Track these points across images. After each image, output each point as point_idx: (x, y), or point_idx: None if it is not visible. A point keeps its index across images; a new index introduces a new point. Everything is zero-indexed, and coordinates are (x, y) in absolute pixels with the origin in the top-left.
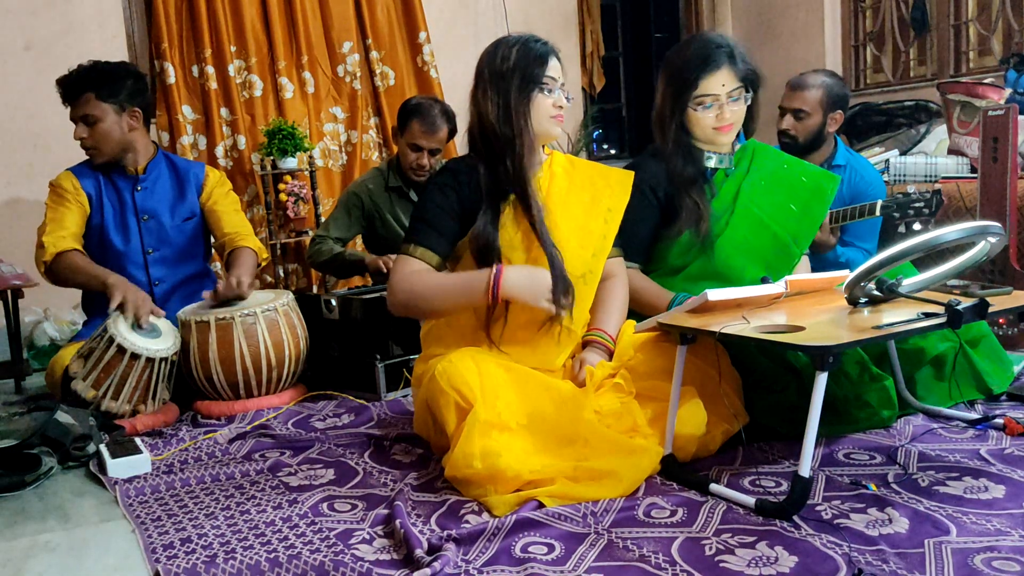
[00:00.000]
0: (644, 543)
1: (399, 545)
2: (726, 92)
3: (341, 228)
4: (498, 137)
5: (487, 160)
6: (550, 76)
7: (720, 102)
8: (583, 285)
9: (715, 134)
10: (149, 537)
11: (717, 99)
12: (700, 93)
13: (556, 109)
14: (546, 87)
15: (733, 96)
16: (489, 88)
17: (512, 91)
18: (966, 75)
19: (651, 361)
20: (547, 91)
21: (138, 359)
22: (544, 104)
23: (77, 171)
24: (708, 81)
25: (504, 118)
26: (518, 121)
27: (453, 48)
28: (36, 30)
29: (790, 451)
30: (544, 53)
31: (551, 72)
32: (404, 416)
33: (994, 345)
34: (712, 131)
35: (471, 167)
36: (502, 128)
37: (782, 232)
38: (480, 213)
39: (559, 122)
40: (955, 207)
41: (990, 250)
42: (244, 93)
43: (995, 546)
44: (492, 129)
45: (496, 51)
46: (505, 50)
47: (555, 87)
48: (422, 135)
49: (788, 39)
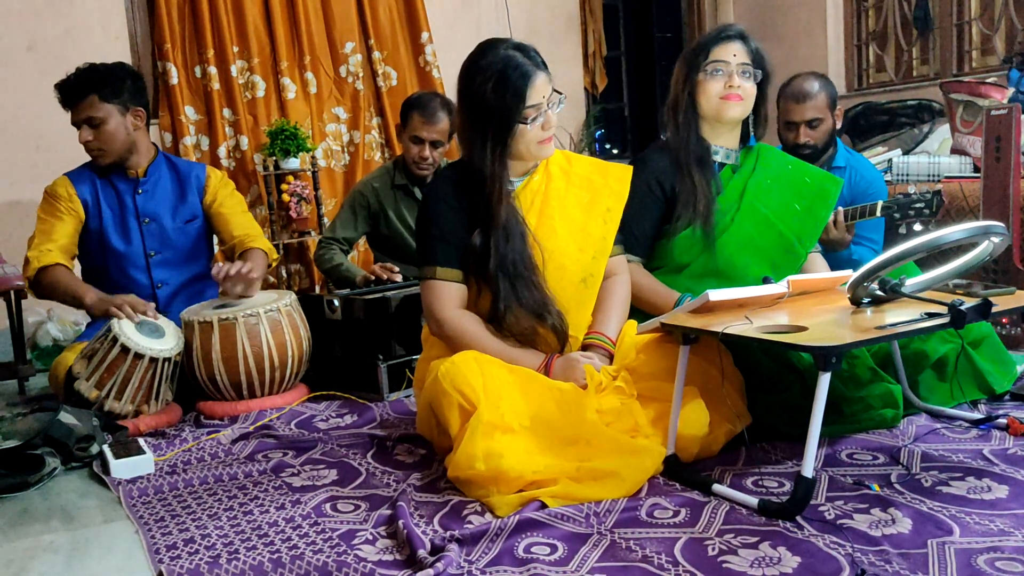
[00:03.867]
0: (647, 543)
1: (402, 545)
2: (737, 62)
3: (348, 228)
4: (474, 169)
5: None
6: (532, 105)
7: (730, 70)
8: (584, 289)
9: (722, 104)
10: (152, 538)
11: (727, 66)
12: (711, 59)
13: (544, 132)
14: (529, 119)
15: (743, 70)
16: (467, 120)
17: (489, 133)
18: (969, 74)
19: (653, 362)
20: (531, 120)
21: (141, 359)
22: (530, 135)
23: (74, 176)
24: (719, 49)
25: (479, 157)
26: (492, 166)
27: (455, 48)
28: (39, 31)
29: (793, 451)
30: (526, 78)
31: (534, 99)
32: (407, 416)
33: (997, 345)
34: (719, 101)
35: (464, 174)
36: (476, 164)
37: (787, 231)
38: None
39: (548, 144)
40: (958, 207)
41: (993, 250)
42: (247, 93)
43: (998, 546)
44: (469, 161)
45: (473, 76)
46: (483, 79)
47: (541, 111)
48: (422, 126)
49: (791, 39)
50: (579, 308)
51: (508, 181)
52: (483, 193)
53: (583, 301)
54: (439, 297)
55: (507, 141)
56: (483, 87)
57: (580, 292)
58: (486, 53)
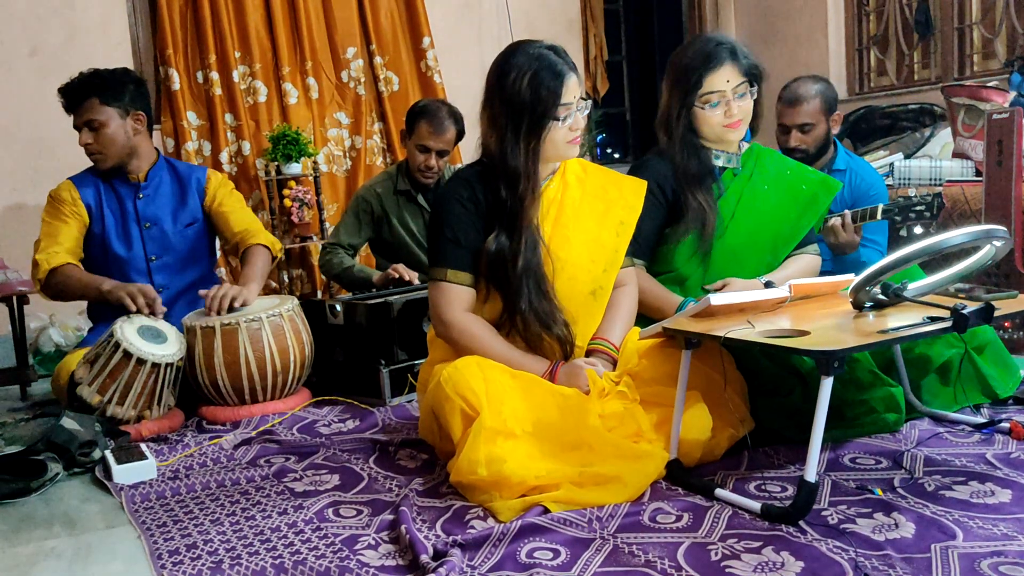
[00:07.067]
0: (650, 548)
1: (404, 551)
2: (731, 88)
3: (351, 233)
4: (505, 167)
5: (494, 178)
6: (565, 103)
7: (727, 99)
8: (593, 301)
9: (725, 132)
10: (155, 543)
11: (723, 96)
12: (706, 91)
13: (573, 132)
14: (561, 116)
15: (739, 92)
16: (499, 115)
17: (523, 128)
18: (970, 78)
19: (656, 367)
20: (563, 119)
21: (144, 364)
22: (560, 133)
23: (77, 180)
24: (712, 78)
25: (512, 153)
26: (526, 163)
27: (457, 53)
28: (41, 36)
29: (796, 456)
30: (560, 77)
31: (567, 98)
32: (409, 421)
33: (1000, 349)
34: (722, 129)
35: (484, 176)
36: (510, 162)
37: (778, 236)
38: (493, 236)
39: (576, 144)
40: (960, 211)
41: (995, 254)
42: (248, 99)
43: (1002, 551)
44: (500, 158)
45: (508, 71)
46: (517, 75)
47: (572, 111)
48: (430, 136)
49: (792, 43)
50: (587, 319)
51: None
52: (514, 192)
53: (591, 312)
54: (448, 299)
55: (541, 137)
56: (518, 83)
57: (589, 303)
58: (519, 51)
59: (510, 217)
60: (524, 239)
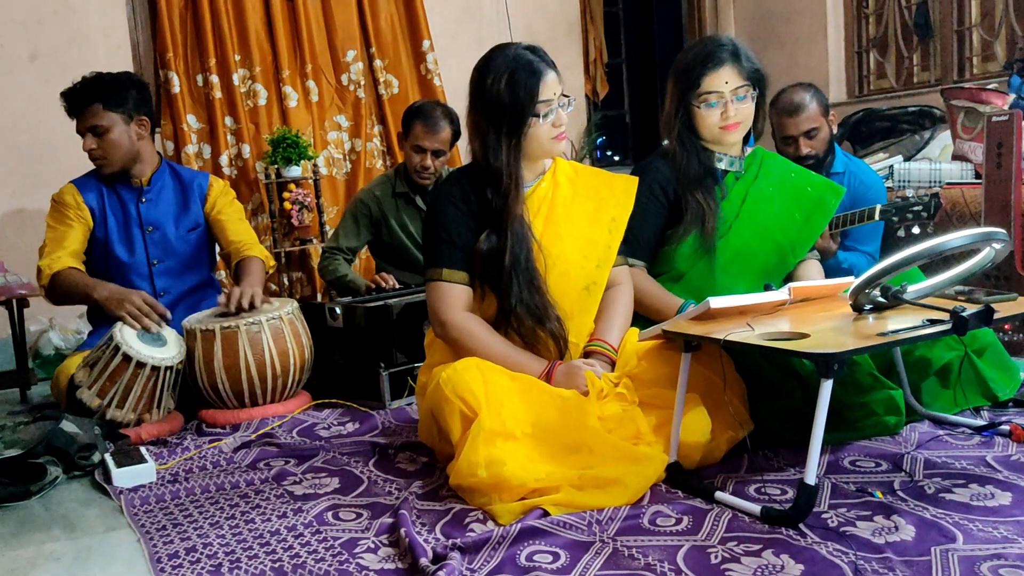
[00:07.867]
0: (649, 551)
1: (404, 554)
2: (730, 89)
3: (350, 237)
4: (489, 167)
5: (482, 180)
6: (544, 100)
7: (724, 99)
8: (587, 296)
9: (721, 133)
10: (154, 547)
11: (721, 96)
12: (703, 90)
13: (556, 129)
14: (541, 113)
15: (739, 94)
16: (481, 118)
17: (504, 127)
18: (970, 81)
19: (655, 369)
20: (543, 116)
21: (143, 368)
22: (542, 130)
23: (80, 184)
24: (711, 78)
25: (494, 153)
26: (508, 160)
27: (457, 56)
28: (42, 40)
29: (795, 458)
30: (537, 75)
31: (545, 95)
32: (409, 424)
33: (1000, 352)
34: (718, 130)
35: (474, 177)
36: (492, 161)
37: (784, 240)
38: (484, 235)
39: (561, 140)
40: (959, 213)
41: (995, 256)
42: (248, 102)
43: (1002, 553)
44: (484, 159)
45: (486, 75)
46: (495, 77)
47: (552, 107)
48: (425, 136)
49: (791, 46)
50: (581, 315)
51: (523, 177)
52: (499, 190)
53: (585, 308)
54: (445, 299)
55: (521, 135)
56: (495, 85)
57: (583, 299)
58: (497, 55)
59: (496, 215)
60: (510, 235)
